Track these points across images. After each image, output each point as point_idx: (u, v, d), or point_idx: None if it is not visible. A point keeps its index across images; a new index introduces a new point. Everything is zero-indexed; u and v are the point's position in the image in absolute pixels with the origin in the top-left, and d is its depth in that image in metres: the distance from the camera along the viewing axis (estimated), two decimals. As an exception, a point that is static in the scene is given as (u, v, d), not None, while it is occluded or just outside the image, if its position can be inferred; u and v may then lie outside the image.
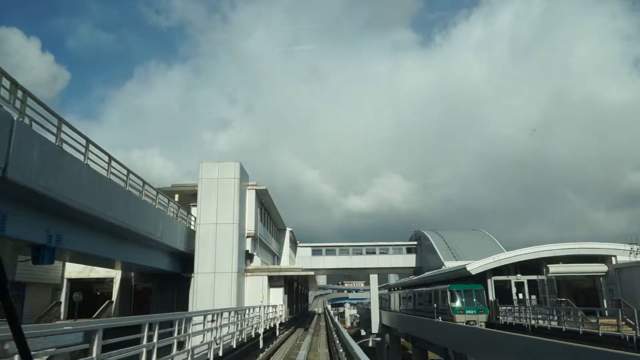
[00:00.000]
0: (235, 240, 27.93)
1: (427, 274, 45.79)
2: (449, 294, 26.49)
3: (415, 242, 60.14)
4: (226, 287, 27.17)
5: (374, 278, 60.54)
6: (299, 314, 55.99)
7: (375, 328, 60.73)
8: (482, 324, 23.96)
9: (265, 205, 35.95)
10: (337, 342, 21.20)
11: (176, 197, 29.63)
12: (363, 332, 78.96)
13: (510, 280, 29.80)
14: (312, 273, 31.80)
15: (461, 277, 33.50)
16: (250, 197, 31.48)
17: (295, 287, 47.89)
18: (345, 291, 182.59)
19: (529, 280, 29.79)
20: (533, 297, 29.60)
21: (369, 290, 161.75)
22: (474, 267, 28.71)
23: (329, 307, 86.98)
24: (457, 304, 26.07)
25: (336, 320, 42.46)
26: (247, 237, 30.78)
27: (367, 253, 59.63)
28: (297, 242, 59.65)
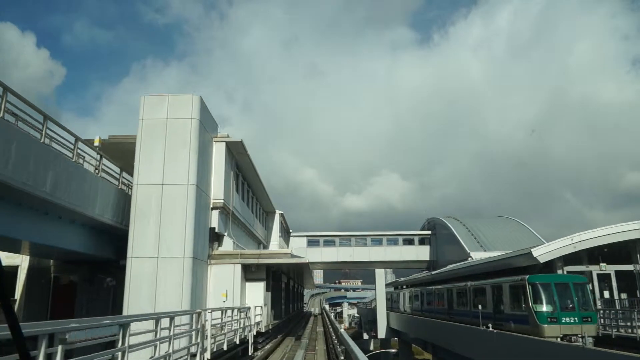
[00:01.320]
0: (190, 208, 18.71)
1: (451, 267, 36.65)
2: (529, 289, 16.98)
3: (429, 232, 51.01)
4: (175, 280, 17.95)
5: (380, 274, 51.46)
6: (293, 315, 46.85)
7: (382, 332, 51.54)
8: (590, 340, 14.70)
9: (243, 169, 26.64)
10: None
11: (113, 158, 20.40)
12: (365, 336, 69.95)
13: (590, 272, 20.69)
14: (305, 260, 22.49)
15: (502, 270, 24.60)
16: (219, 152, 22.20)
17: (286, 282, 38.75)
18: (343, 290, 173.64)
19: (617, 272, 20.74)
20: (623, 295, 20.52)
21: (367, 289, 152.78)
22: (542, 252, 19.51)
23: (327, 307, 77.89)
24: (547, 306, 16.63)
25: (338, 325, 33.35)
26: (214, 208, 21.54)
27: (373, 244, 50.44)
28: (290, 230, 50.46)
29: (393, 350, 47.89)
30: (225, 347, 14.59)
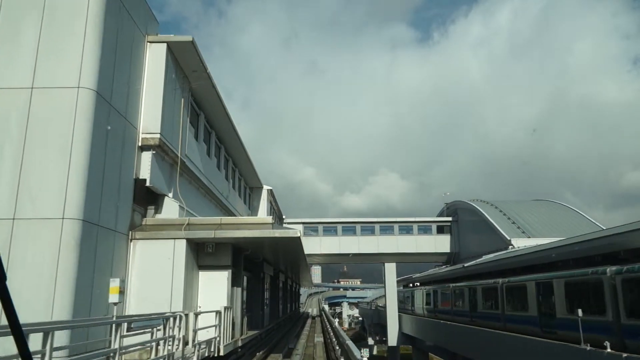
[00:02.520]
0: (82, 132, 10.22)
1: (489, 257, 28.27)
2: None
3: (450, 219, 42.62)
4: (42, 259, 9.50)
5: (390, 268, 42.95)
6: (285, 319, 38.48)
7: (392, 338, 43.06)
8: None
9: (207, 106, 18.07)
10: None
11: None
12: (370, 341, 61.56)
13: None
14: (295, 234, 13.87)
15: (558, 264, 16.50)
16: (156, 61, 13.66)
17: (274, 276, 30.44)
18: (342, 289, 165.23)
19: None
20: None
21: (368, 288, 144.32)
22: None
23: (327, 307, 69.48)
24: None
25: (342, 332, 25.03)
26: (145, 147, 13.04)
27: (382, 232, 41.99)
28: (284, 216, 42.00)
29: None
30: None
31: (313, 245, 41.40)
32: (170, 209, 14.00)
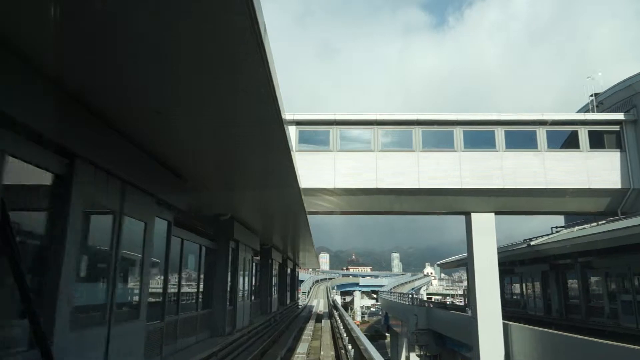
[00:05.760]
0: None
1: None
2: None
3: (620, 117, 19.68)
4: None
5: (482, 224, 20.19)
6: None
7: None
8: None
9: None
10: None
11: None
12: (416, 354, 39.43)
13: None
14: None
15: None
16: None
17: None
18: (351, 276, 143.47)
19: None
20: None
21: (382, 276, 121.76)
22: None
23: (338, 299, 47.70)
24: None
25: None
26: None
27: (469, 145, 19.27)
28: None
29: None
30: None
31: (319, 171, 18.91)
32: None
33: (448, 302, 66.40)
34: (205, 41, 4.04)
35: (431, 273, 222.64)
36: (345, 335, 17.04)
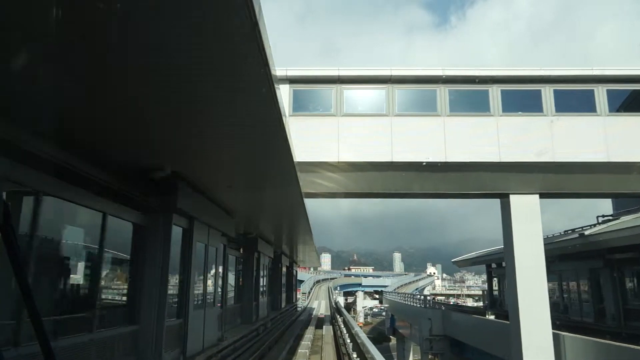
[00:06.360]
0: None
1: None
2: None
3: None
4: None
5: (523, 208, 16.13)
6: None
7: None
8: None
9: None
10: None
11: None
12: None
13: None
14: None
15: None
16: None
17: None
18: (353, 277, 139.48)
19: None
20: None
21: (383, 276, 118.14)
22: None
23: (342, 301, 43.60)
24: None
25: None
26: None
27: (508, 107, 15.19)
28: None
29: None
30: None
31: (320, 142, 14.89)
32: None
33: (454, 303, 62.32)
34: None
35: (434, 273, 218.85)
36: (354, 355, 12.86)
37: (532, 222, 15.59)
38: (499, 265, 29.85)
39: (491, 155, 14.87)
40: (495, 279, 30.28)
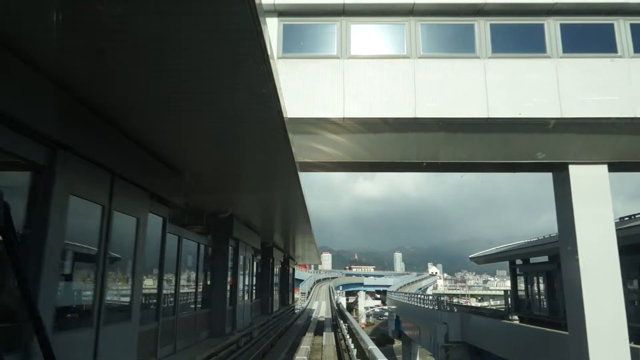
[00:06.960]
0: None
1: None
2: None
3: None
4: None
5: (591, 184, 12.16)
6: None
7: None
8: None
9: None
10: None
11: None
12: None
13: None
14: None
15: None
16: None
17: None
18: (354, 276, 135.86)
19: None
20: None
21: (385, 275, 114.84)
22: None
23: (344, 302, 39.76)
24: None
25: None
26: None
27: (569, 49, 11.41)
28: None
29: None
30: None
31: (318, 93, 11.09)
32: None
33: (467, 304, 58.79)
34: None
35: (436, 273, 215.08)
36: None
37: (600, 201, 11.76)
38: (525, 262, 26.00)
39: (550, 109, 11.04)
40: (522, 277, 26.38)
